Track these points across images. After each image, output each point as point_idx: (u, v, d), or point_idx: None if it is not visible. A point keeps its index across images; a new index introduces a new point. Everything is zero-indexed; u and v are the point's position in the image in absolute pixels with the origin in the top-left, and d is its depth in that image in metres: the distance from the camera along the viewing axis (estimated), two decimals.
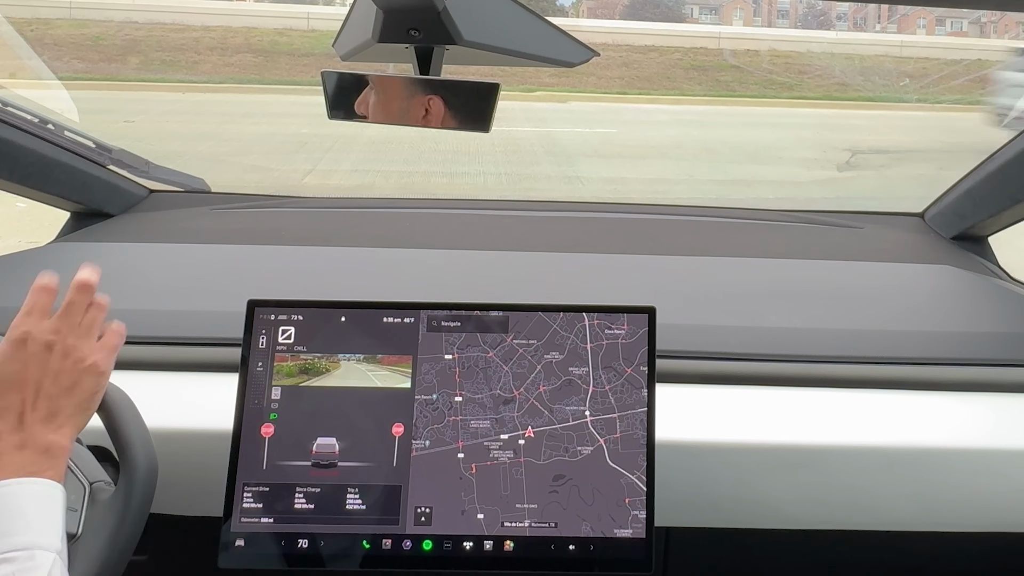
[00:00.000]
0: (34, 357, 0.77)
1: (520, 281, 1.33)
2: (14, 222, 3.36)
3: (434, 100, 0.86)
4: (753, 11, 15.63)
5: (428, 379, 0.94)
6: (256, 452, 0.92)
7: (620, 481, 0.92)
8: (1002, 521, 1.05)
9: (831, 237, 1.59)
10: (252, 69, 9.21)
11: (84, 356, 0.79)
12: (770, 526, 1.04)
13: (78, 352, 0.79)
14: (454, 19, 0.79)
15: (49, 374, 0.77)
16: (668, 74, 10.21)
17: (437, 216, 1.66)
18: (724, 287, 1.32)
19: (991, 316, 1.30)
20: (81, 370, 0.79)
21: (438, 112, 0.87)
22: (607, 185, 5.72)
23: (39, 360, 0.77)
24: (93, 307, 0.82)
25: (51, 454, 0.75)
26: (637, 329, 0.96)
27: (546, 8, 10.71)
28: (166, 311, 1.19)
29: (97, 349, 0.81)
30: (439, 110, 0.87)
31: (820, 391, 1.11)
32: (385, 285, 1.28)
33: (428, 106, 0.87)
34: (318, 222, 1.61)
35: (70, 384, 0.78)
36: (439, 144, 6.12)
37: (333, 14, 9.98)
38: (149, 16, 9.78)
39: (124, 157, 1.50)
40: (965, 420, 1.08)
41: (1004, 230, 1.51)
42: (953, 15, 13.35)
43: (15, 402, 0.75)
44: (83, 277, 0.82)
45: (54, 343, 0.78)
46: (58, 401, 0.77)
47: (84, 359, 0.79)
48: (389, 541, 0.90)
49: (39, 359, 0.77)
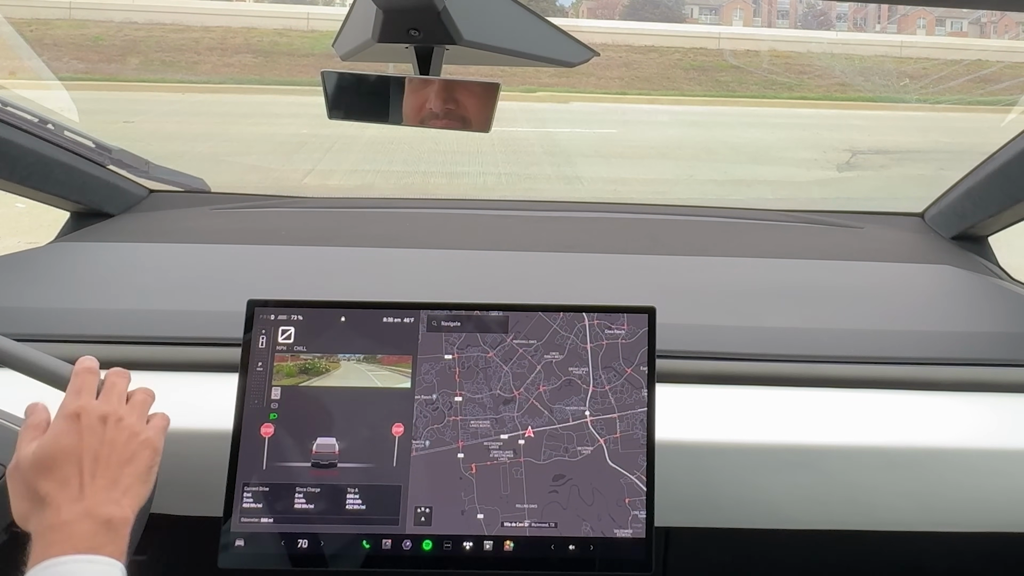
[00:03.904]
0: (89, 429, 0.76)
1: (520, 281, 1.33)
2: (14, 222, 3.36)
3: (434, 100, 0.86)
4: (753, 11, 15.62)
5: (428, 379, 0.94)
6: (256, 452, 0.92)
7: (620, 481, 0.92)
8: (1002, 521, 1.04)
9: (831, 237, 1.59)
10: (252, 69, 9.21)
11: (138, 430, 0.79)
12: (770, 526, 1.04)
13: (132, 426, 0.79)
14: (454, 19, 0.79)
15: (106, 444, 0.76)
16: (668, 74, 10.21)
17: (437, 216, 1.66)
18: (724, 287, 1.32)
19: (991, 316, 1.30)
20: (137, 443, 0.79)
21: (438, 112, 0.87)
22: (607, 185, 5.72)
23: (94, 432, 0.76)
24: (141, 391, 0.84)
25: (112, 527, 0.72)
26: (637, 329, 0.96)
27: (546, 8, 10.70)
28: (166, 311, 1.19)
29: (148, 427, 0.81)
30: (439, 110, 0.87)
31: (820, 391, 1.11)
32: (385, 285, 1.28)
33: (428, 106, 0.87)
34: (318, 222, 1.61)
35: (128, 455, 0.77)
36: (439, 144, 6.12)
37: (333, 14, 9.98)
38: (149, 17, 9.77)
39: (124, 157, 1.50)
40: (965, 420, 1.08)
41: (1004, 230, 1.51)
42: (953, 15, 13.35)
43: (73, 472, 0.74)
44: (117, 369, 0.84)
45: (108, 415, 0.78)
46: (118, 470, 0.76)
47: (138, 433, 0.79)
48: (389, 541, 0.90)
49: (94, 431, 0.77)
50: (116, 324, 1.16)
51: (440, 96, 0.87)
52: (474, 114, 0.87)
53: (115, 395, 0.81)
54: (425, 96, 0.87)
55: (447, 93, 0.86)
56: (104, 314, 1.19)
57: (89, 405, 0.78)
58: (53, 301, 1.21)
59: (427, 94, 0.87)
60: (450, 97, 0.87)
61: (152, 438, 0.80)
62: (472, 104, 0.87)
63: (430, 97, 0.87)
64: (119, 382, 0.82)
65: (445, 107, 0.87)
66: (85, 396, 0.79)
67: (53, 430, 0.76)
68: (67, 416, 0.77)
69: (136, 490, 0.77)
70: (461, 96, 0.87)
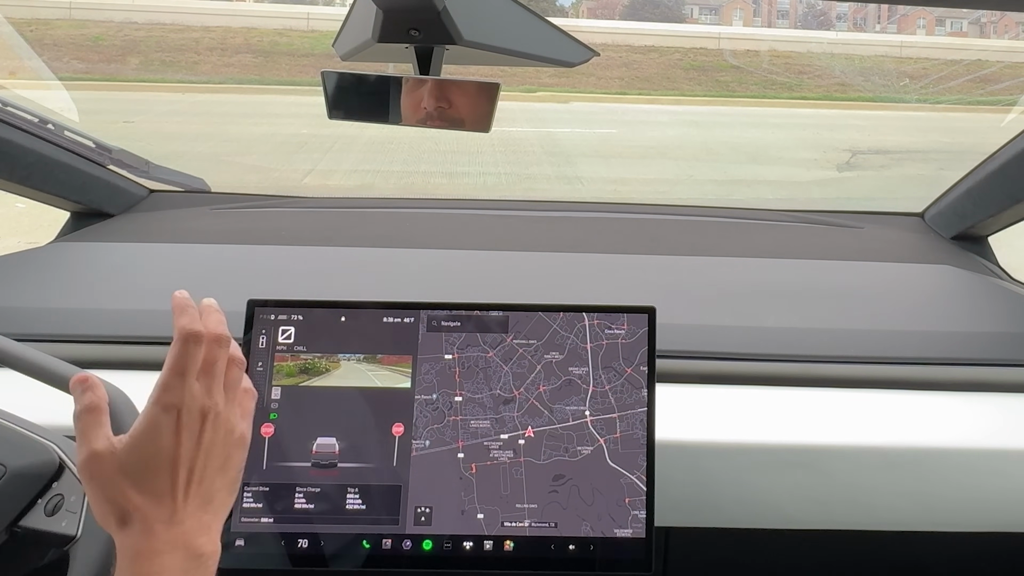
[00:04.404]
0: (187, 429, 0.64)
1: (520, 281, 1.33)
2: (14, 222, 3.36)
3: (434, 100, 0.86)
4: (753, 11, 15.62)
5: (428, 379, 0.94)
6: (256, 452, 0.91)
7: (620, 481, 0.92)
8: (1002, 521, 1.04)
9: (831, 237, 1.59)
10: (252, 69, 9.21)
11: (233, 426, 0.67)
12: (770, 526, 1.04)
13: (228, 421, 0.67)
14: (454, 19, 0.79)
15: (203, 448, 0.64)
16: (668, 74, 10.21)
17: (437, 216, 1.66)
18: (724, 287, 1.32)
19: (991, 316, 1.30)
20: (232, 443, 0.67)
21: (438, 112, 0.87)
22: (607, 185, 5.72)
23: (192, 432, 0.64)
24: (233, 364, 0.69)
25: (203, 563, 0.63)
26: (637, 329, 0.96)
27: (546, 8, 10.70)
28: (166, 311, 1.18)
29: (243, 419, 0.69)
30: (439, 110, 0.87)
31: (820, 391, 1.11)
32: (385, 285, 1.28)
33: (428, 106, 0.87)
34: (318, 222, 1.61)
35: (222, 461, 0.66)
36: (439, 144, 6.12)
37: (333, 14, 9.98)
38: (149, 17, 9.78)
39: (124, 157, 1.50)
40: (965, 420, 1.08)
41: (1004, 230, 1.51)
42: (953, 15, 13.35)
43: (167, 485, 0.63)
44: (219, 330, 0.68)
45: (208, 411, 0.65)
46: (211, 482, 0.65)
47: (233, 429, 0.67)
48: (389, 541, 0.90)
49: (192, 431, 0.64)
50: (116, 324, 1.16)
51: (440, 96, 0.87)
52: (474, 114, 0.87)
53: (215, 381, 0.66)
54: (425, 96, 0.87)
55: (447, 93, 0.86)
56: (104, 314, 1.19)
57: (189, 394, 0.64)
58: (53, 301, 1.21)
59: (427, 94, 0.87)
60: (450, 97, 0.87)
61: (246, 433, 0.69)
62: (472, 104, 0.87)
63: (430, 97, 0.87)
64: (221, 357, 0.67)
65: (445, 107, 0.87)
66: (188, 377, 0.65)
67: (147, 424, 0.63)
68: (165, 408, 0.63)
69: (226, 507, 0.67)
70: (461, 96, 0.87)
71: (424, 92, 0.86)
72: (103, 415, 0.65)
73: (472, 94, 0.86)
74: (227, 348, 0.68)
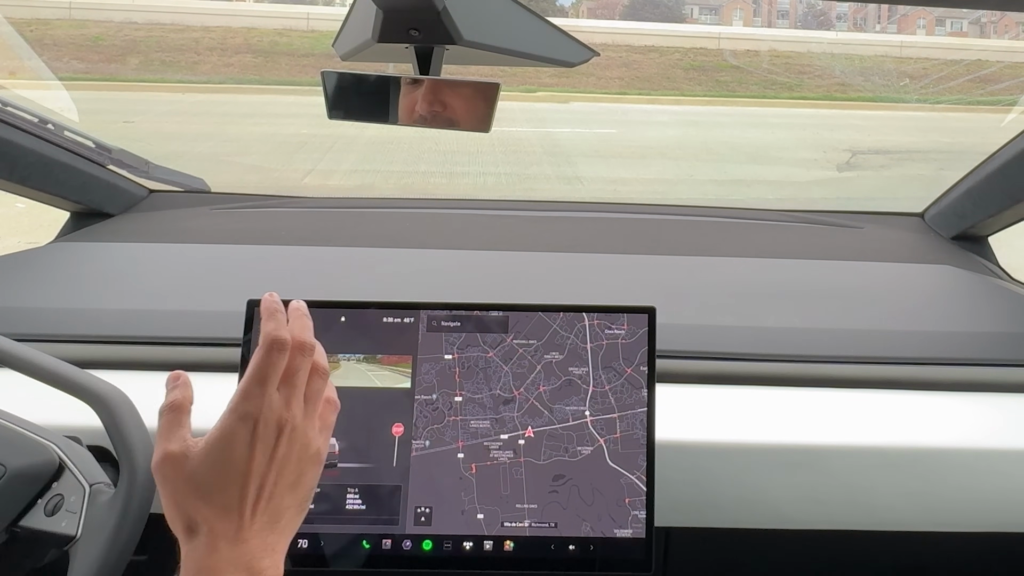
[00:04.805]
0: (262, 441, 0.61)
1: (520, 281, 1.33)
2: (14, 222, 3.37)
3: (434, 100, 0.86)
4: (753, 11, 15.62)
5: (428, 379, 0.94)
6: None
7: (620, 481, 0.92)
8: (1002, 521, 1.04)
9: (831, 237, 1.59)
10: (252, 69, 9.21)
11: (309, 441, 0.64)
12: (770, 526, 1.04)
13: (305, 436, 0.64)
14: (454, 19, 0.79)
15: (275, 465, 0.62)
16: (668, 74, 10.21)
17: (437, 216, 1.66)
18: (724, 287, 1.32)
19: (991, 316, 1.30)
20: (306, 459, 0.64)
21: (438, 112, 0.87)
22: (607, 185, 5.72)
23: (267, 445, 0.61)
24: (316, 374, 0.66)
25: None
26: (637, 329, 0.96)
27: (546, 8, 10.70)
28: (166, 311, 1.19)
29: (321, 434, 0.66)
30: (439, 110, 0.87)
31: (820, 391, 1.11)
32: (385, 285, 1.28)
33: (428, 106, 0.87)
34: (318, 222, 1.61)
35: (294, 478, 0.63)
36: (439, 144, 6.12)
37: (333, 14, 9.98)
38: (149, 17, 9.78)
39: (124, 157, 1.50)
40: (965, 420, 1.08)
41: (1004, 230, 1.51)
42: (953, 15, 13.35)
43: (235, 499, 0.60)
44: (303, 337, 0.65)
45: (285, 423, 0.62)
46: (282, 501, 0.62)
47: (309, 445, 0.64)
48: (389, 541, 0.90)
49: (267, 444, 0.61)
50: (116, 324, 1.16)
51: (440, 96, 0.86)
52: (474, 114, 0.87)
53: (296, 391, 0.64)
54: (425, 96, 0.87)
55: (447, 93, 0.86)
56: (104, 314, 1.19)
57: (267, 405, 0.62)
58: (53, 301, 1.21)
59: (427, 94, 0.87)
60: (450, 97, 0.87)
61: (322, 450, 0.66)
62: (472, 104, 0.87)
63: (430, 97, 0.87)
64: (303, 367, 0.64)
65: (445, 107, 0.87)
66: (269, 386, 0.62)
67: (222, 432, 0.61)
68: (242, 417, 0.61)
69: (293, 527, 0.64)
70: (461, 96, 0.87)
71: (424, 92, 0.86)
72: (184, 415, 0.63)
73: (472, 94, 0.86)
74: (311, 356, 0.65)
